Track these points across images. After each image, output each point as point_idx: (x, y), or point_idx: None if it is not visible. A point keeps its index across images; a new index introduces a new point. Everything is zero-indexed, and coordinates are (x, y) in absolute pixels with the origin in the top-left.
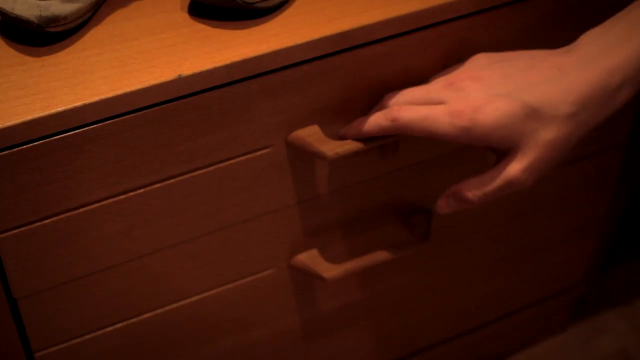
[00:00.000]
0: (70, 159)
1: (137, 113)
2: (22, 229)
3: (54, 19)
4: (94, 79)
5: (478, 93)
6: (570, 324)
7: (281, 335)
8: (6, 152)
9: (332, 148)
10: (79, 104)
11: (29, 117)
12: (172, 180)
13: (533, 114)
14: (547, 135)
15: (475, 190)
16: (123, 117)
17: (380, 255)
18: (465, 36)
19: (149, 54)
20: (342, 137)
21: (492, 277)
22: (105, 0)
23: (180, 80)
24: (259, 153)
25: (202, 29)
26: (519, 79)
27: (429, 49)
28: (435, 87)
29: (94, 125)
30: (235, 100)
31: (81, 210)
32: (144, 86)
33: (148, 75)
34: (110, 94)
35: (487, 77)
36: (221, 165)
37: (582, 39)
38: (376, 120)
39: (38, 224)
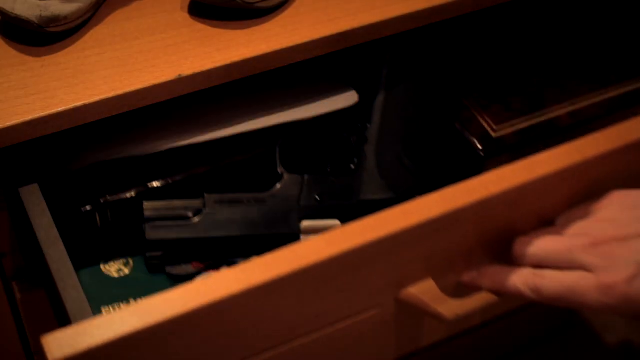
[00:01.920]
0: (159, 347)
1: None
2: None
3: (54, 19)
4: (94, 79)
5: (628, 261)
6: (572, 322)
7: None
8: None
9: (452, 309)
10: (79, 104)
11: (30, 117)
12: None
13: None
14: None
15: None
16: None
17: None
18: (595, 174)
19: (149, 54)
20: (468, 285)
21: None
22: (105, 0)
23: (180, 80)
24: (365, 315)
25: (202, 29)
26: None
27: (553, 191)
28: (578, 245)
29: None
30: (345, 266)
31: None
32: (145, 86)
33: (148, 75)
34: (111, 94)
35: (634, 237)
36: (327, 331)
37: None
38: (514, 283)
39: None
